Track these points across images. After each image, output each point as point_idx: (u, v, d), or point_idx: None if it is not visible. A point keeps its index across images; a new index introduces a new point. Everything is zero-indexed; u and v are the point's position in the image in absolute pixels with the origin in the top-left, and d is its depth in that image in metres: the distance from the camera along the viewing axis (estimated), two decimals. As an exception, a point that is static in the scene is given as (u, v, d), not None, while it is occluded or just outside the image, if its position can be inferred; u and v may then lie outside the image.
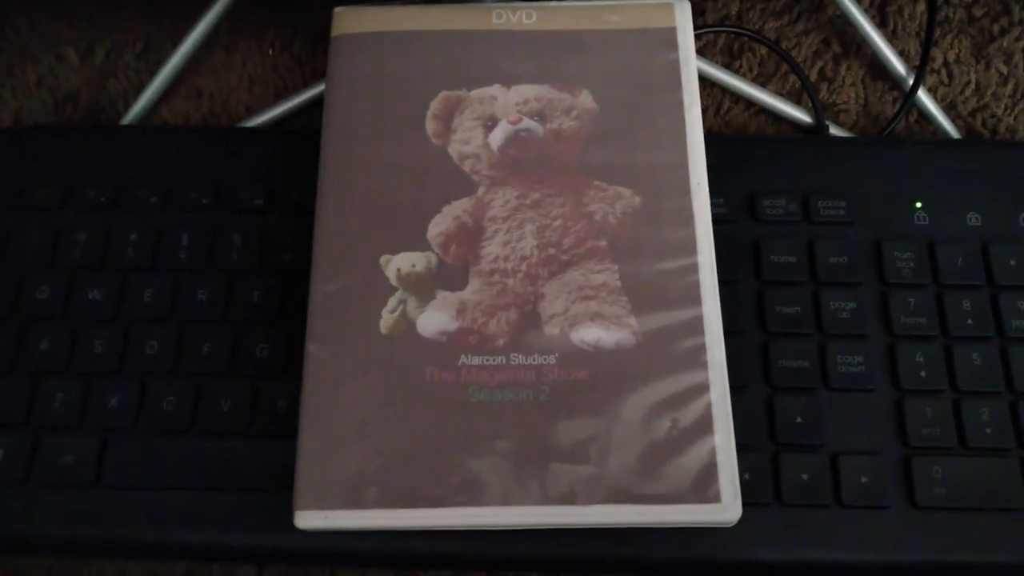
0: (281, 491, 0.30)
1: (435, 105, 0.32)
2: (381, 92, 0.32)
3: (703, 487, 0.27)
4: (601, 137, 0.32)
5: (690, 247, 0.30)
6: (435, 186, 0.31)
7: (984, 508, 0.30)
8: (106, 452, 0.31)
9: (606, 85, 0.33)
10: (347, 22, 0.34)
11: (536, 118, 0.32)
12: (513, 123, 0.32)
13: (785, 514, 0.30)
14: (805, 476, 0.30)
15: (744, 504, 0.28)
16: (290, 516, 0.27)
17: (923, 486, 0.30)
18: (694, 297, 0.29)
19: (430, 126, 0.32)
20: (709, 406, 0.28)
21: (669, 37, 0.33)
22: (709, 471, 0.27)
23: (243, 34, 0.42)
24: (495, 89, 0.33)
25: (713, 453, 0.27)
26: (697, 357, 0.29)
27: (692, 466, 0.27)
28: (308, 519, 0.27)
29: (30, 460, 0.31)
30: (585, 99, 0.32)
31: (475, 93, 0.32)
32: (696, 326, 0.29)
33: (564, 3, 0.35)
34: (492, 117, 0.32)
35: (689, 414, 0.28)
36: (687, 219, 0.30)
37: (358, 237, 0.30)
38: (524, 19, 0.34)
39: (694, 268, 0.30)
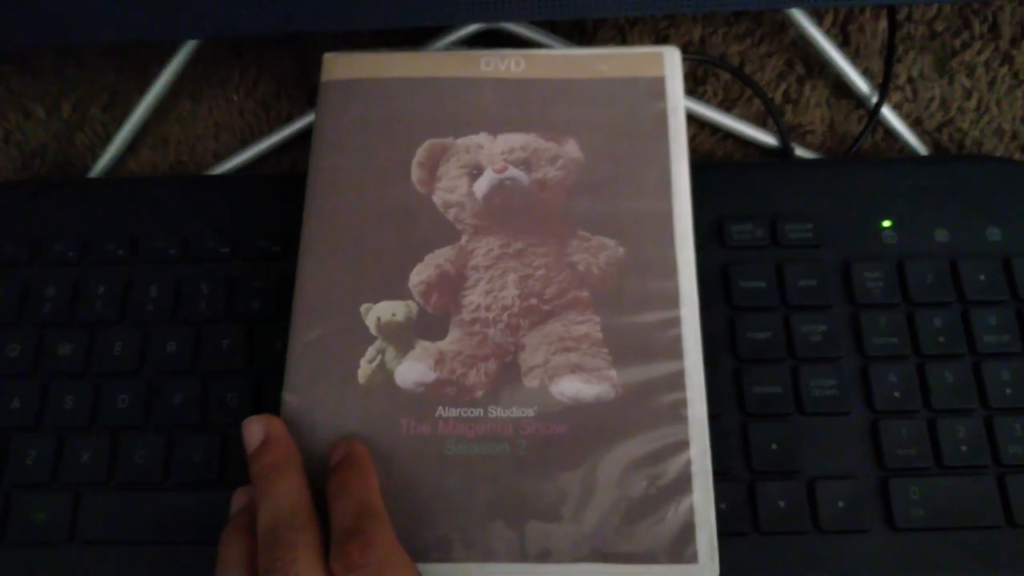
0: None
1: (421, 153, 0.32)
2: (368, 138, 0.32)
3: (680, 547, 0.27)
4: (586, 187, 0.31)
5: (673, 299, 0.30)
6: (418, 234, 0.31)
7: (963, 527, 0.30)
8: (79, 508, 0.31)
9: (593, 134, 0.32)
10: (336, 68, 0.34)
11: (522, 167, 0.32)
12: (498, 172, 0.32)
13: (763, 543, 0.30)
14: (782, 503, 0.30)
15: (721, 534, 0.27)
16: None
17: (901, 508, 0.30)
18: (676, 351, 0.29)
19: (415, 174, 0.32)
20: (688, 463, 0.28)
21: (657, 87, 0.33)
22: (686, 531, 0.27)
23: (208, 82, 0.42)
24: (481, 137, 0.32)
25: (691, 512, 0.27)
26: (678, 412, 0.28)
27: (670, 525, 0.27)
28: None
29: (3, 519, 0.31)
30: (571, 148, 0.32)
31: (461, 141, 0.32)
32: (677, 380, 0.29)
33: (553, 51, 0.35)
34: (477, 165, 0.32)
35: (668, 472, 0.27)
36: (671, 271, 0.30)
37: (339, 285, 0.30)
38: (512, 67, 0.34)
39: (677, 321, 0.29)
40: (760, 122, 0.41)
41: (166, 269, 0.35)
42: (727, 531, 0.29)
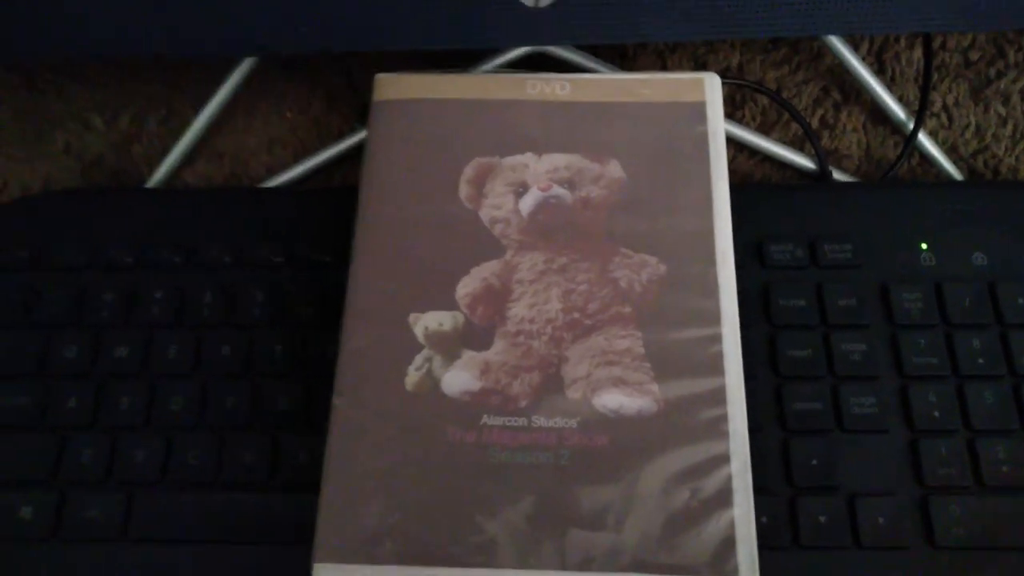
0: (301, 544, 0.30)
1: (468, 171, 0.33)
2: (418, 156, 0.33)
3: (721, 560, 0.27)
4: (628, 206, 0.32)
5: (714, 317, 0.30)
6: (465, 248, 0.32)
7: (1003, 547, 0.30)
8: (132, 506, 0.32)
9: (635, 156, 0.33)
10: (388, 88, 0.35)
11: (565, 186, 0.33)
12: (543, 190, 0.33)
13: (804, 557, 0.30)
14: (823, 518, 0.30)
15: (762, 548, 0.28)
16: (310, 570, 0.27)
17: (941, 526, 0.30)
18: (717, 367, 0.29)
19: (463, 190, 0.33)
20: (729, 478, 0.28)
21: (699, 111, 0.34)
22: (727, 544, 0.27)
23: (262, 98, 0.44)
24: (527, 157, 0.33)
25: (732, 526, 0.27)
26: (718, 427, 0.29)
27: (710, 538, 0.27)
28: (326, 572, 0.27)
29: (57, 516, 0.32)
30: (614, 169, 0.33)
31: (507, 160, 0.33)
32: (718, 396, 0.29)
33: (597, 76, 0.36)
34: (523, 184, 0.33)
35: (709, 485, 0.28)
36: (712, 289, 0.31)
37: (389, 295, 0.31)
38: (558, 90, 0.35)
39: (718, 338, 0.30)
40: (797, 146, 0.41)
41: (221, 276, 0.36)
42: (768, 545, 0.30)
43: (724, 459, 0.28)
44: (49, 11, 0.34)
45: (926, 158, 0.41)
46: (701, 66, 0.43)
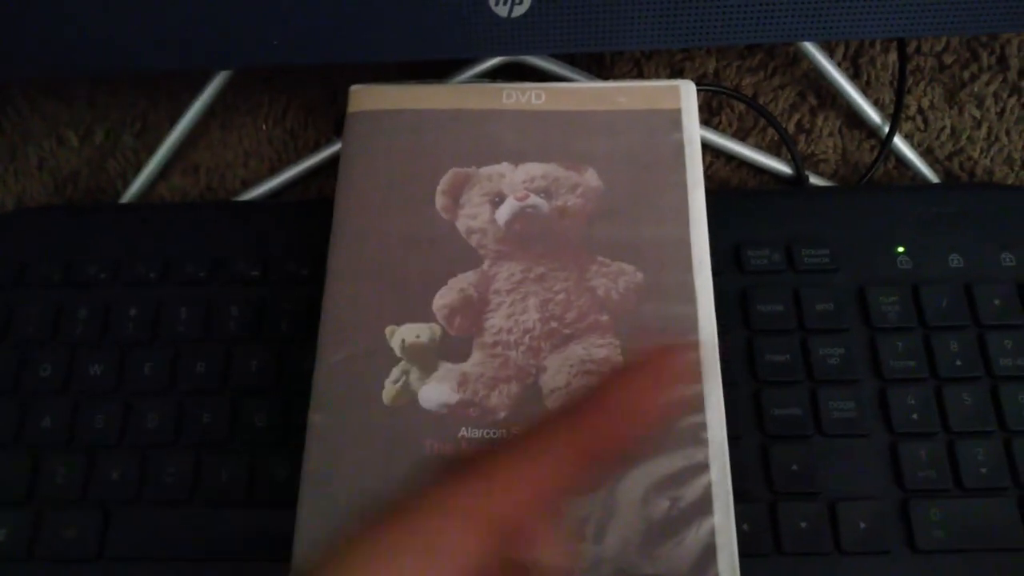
0: (281, 560, 0.30)
1: (445, 181, 0.33)
2: (393, 167, 0.33)
3: (702, 569, 0.27)
4: (605, 214, 0.32)
5: (692, 324, 0.30)
6: (442, 259, 0.32)
7: (984, 549, 0.30)
8: (108, 525, 0.31)
9: (611, 164, 0.33)
10: (363, 99, 0.35)
11: (542, 195, 0.33)
12: (519, 200, 0.33)
13: (786, 563, 0.30)
14: (804, 524, 0.30)
15: (744, 555, 0.28)
16: (290, 585, 0.27)
17: (922, 529, 0.30)
18: (695, 374, 0.30)
19: (439, 201, 0.33)
20: (709, 485, 0.28)
21: (674, 118, 0.34)
22: (708, 552, 0.27)
23: (238, 110, 0.43)
24: (503, 167, 0.33)
25: (712, 533, 0.27)
26: (697, 435, 0.29)
27: (691, 547, 0.27)
28: None
29: (33, 536, 0.31)
30: (591, 177, 0.33)
31: (484, 170, 0.33)
32: (697, 404, 0.29)
33: (573, 85, 0.36)
34: (499, 194, 0.33)
35: (689, 493, 0.28)
36: (689, 296, 0.31)
37: (365, 307, 0.31)
38: (533, 99, 0.35)
39: (695, 345, 0.30)
40: (774, 151, 0.41)
41: (196, 291, 0.35)
42: (749, 552, 0.29)
43: (703, 467, 0.28)
44: (23, 29, 0.34)
45: (902, 161, 0.41)
46: (678, 73, 0.43)
